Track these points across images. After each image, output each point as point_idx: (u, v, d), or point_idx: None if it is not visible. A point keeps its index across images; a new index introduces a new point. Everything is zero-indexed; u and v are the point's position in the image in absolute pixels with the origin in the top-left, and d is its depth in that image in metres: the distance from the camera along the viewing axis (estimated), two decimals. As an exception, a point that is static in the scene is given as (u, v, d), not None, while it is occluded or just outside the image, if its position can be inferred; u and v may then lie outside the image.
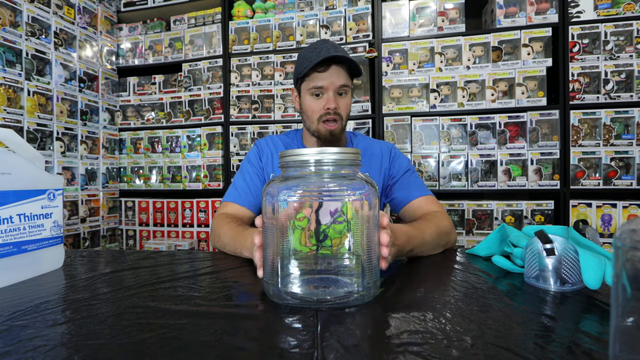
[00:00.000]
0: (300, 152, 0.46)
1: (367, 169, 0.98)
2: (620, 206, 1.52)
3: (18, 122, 1.50)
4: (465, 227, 1.66)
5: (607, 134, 1.54)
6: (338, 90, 0.91)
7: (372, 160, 1.00)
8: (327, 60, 0.89)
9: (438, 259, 0.69)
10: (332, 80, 0.90)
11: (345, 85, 0.92)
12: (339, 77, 0.90)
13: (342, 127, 0.94)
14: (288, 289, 0.46)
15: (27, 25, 1.55)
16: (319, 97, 0.92)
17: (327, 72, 0.90)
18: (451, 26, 1.69)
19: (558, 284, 0.49)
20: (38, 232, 0.59)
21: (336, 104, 0.90)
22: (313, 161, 0.46)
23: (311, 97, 0.93)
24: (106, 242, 1.98)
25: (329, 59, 0.88)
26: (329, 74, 0.90)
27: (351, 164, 0.47)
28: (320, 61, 0.87)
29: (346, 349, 0.34)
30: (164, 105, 2.05)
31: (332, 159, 0.46)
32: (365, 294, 0.45)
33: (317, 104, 0.92)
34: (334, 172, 0.46)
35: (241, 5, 1.96)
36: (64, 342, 0.36)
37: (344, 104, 0.93)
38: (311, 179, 0.47)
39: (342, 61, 0.90)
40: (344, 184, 0.46)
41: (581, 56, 1.57)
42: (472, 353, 0.32)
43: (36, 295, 0.50)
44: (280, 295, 0.45)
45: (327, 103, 0.90)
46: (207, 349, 0.34)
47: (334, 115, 0.91)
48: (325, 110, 0.90)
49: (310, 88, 0.92)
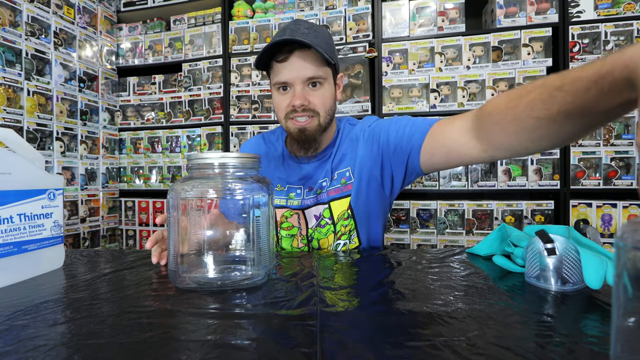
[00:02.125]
0: (200, 156, 0.53)
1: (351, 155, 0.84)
2: (620, 206, 1.52)
3: (18, 122, 1.50)
4: (465, 227, 1.66)
5: (607, 134, 1.54)
6: (308, 82, 0.75)
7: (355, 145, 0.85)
8: (282, 47, 0.73)
9: (438, 258, 0.69)
10: (296, 71, 0.74)
11: (314, 77, 0.74)
12: (305, 66, 0.73)
13: (319, 124, 0.78)
14: (190, 275, 0.52)
15: (26, 25, 1.55)
16: (286, 91, 0.77)
17: (289, 61, 0.74)
18: (451, 26, 1.69)
19: (559, 283, 0.49)
20: (38, 232, 0.59)
21: (304, 99, 0.75)
22: (215, 164, 0.52)
23: (277, 92, 0.79)
24: (106, 242, 1.98)
25: (287, 45, 0.72)
26: (290, 63, 0.73)
27: (248, 167, 0.54)
28: (274, 49, 0.72)
29: (346, 348, 0.34)
30: (164, 105, 2.05)
31: (230, 163, 0.52)
32: (257, 277, 0.53)
33: (284, 100, 0.77)
34: (232, 174, 0.53)
35: (241, 5, 1.96)
36: (65, 341, 0.36)
37: (317, 97, 0.76)
38: (209, 180, 0.53)
39: (307, 45, 0.70)
40: (237, 185, 0.53)
41: (581, 56, 1.57)
42: (473, 353, 0.32)
43: (36, 295, 0.49)
44: (185, 280, 0.52)
45: (292, 99, 0.75)
46: (208, 349, 0.34)
47: (302, 112, 0.76)
48: (292, 108, 0.76)
49: (274, 82, 0.78)
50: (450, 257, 0.70)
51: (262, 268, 0.54)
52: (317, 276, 0.57)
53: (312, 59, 0.74)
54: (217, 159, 0.52)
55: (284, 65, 0.74)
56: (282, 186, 0.88)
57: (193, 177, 0.54)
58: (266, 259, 0.54)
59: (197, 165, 0.53)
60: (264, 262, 0.54)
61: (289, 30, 0.73)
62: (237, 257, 0.56)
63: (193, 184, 0.52)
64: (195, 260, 0.54)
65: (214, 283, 0.51)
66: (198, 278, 0.52)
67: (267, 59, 0.77)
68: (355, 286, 0.53)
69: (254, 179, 0.55)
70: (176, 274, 0.52)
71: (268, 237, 0.55)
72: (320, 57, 0.74)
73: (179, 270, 0.52)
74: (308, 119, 0.77)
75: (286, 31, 0.73)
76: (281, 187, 0.88)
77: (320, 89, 0.77)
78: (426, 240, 1.71)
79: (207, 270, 0.54)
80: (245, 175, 0.54)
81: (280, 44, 0.72)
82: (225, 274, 0.54)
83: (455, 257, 0.70)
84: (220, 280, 0.52)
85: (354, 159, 0.84)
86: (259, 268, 0.53)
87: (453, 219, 1.68)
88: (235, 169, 0.53)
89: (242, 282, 0.52)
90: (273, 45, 0.72)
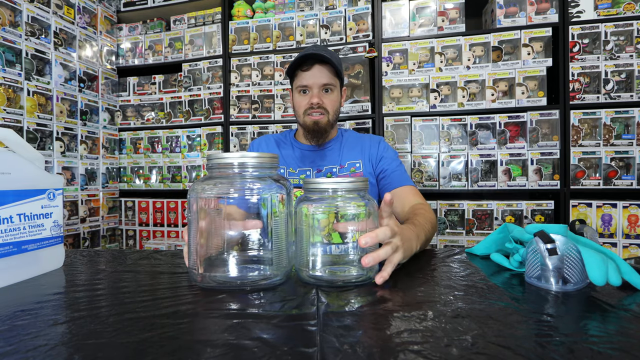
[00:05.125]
0: (221, 156, 0.53)
1: (359, 152, 1.09)
2: (620, 206, 1.52)
3: (18, 122, 1.50)
4: (465, 227, 1.66)
5: (607, 134, 1.54)
6: (323, 88, 1.02)
7: (363, 150, 1.09)
8: (308, 60, 1.00)
9: (438, 258, 0.69)
10: (316, 78, 1.00)
11: (328, 83, 1.02)
12: (322, 75, 1.01)
13: (328, 120, 1.04)
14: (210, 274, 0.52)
15: (26, 25, 1.55)
16: (305, 94, 1.03)
17: (311, 71, 1.01)
18: (451, 26, 1.69)
19: (560, 283, 0.49)
20: (38, 232, 0.59)
21: (320, 99, 1.01)
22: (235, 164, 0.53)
23: (298, 94, 1.05)
24: (106, 242, 1.98)
25: (312, 59, 1.00)
26: (312, 72, 1.01)
27: (267, 167, 0.54)
28: (301, 61, 1.00)
29: (346, 348, 0.33)
30: (164, 105, 2.05)
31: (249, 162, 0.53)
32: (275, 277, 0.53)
33: (303, 100, 1.03)
34: (251, 174, 0.54)
35: (241, 5, 1.96)
36: (65, 341, 0.36)
37: (329, 100, 1.03)
38: (229, 179, 0.54)
39: (325, 61, 1.00)
40: (256, 184, 0.53)
41: (581, 56, 1.57)
42: (473, 352, 0.32)
43: (36, 295, 0.49)
44: (204, 279, 0.52)
45: (311, 98, 1.01)
46: (208, 349, 0.34)
47: (317, 109, 1.01)
48: (310, 105, 1.01)
49: (297, 86, 1.04)
50: (450, 257, 0.70)
51: (281, 268, 0.54)
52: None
53: (328, 71, 1.01)
54: (237, 159, 0.52)
55: (307, 73, 1.01)
56: (293, 169, 1.09)
57: (213, 176, 0.54)
58: (285, 259, 0.54)
59: (217, 164, 0.54)
60: (283, 262, 0.54)
61: (312, 49, 1.00)
62: (255, 256, 0.56)
63: (213, 183, 0.53)
64: (215, 259, 0.54)
65: (233, 282, 0.52)
66: (217, 277, 0.52)
67: (295, 69, 1.03)
68: (356, 286, 0.53)
69: (273, 178, 0.55)
70: (196, 272, 0.52)
71: (287, 237, 0.55)
72: (333, 71, 1.02)
73: (198, 269, 0.52)
74: (321, 115, 1.02)
75: (307, 52, 0.99)
76: (293, 170, 1.09)
77: (331, 94, 1.04)
78: (426, 240, 1.70)
79: (226, 270, 0.54)
80: (264, 175, 0.55)
81: (305, 57, 1.00)
82: (244, 273, 0.54)
83: (455, 257, 0.70)
84: (239, 279, 0.52)
85: (364, 154, 1.08)
86: (278, 268, 0.53)
87: (453, 219, 1.68)
88: (254, 169, 0.53)
89: (261, 281, 0.52)
90: (301, 57, 1.00)
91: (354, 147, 1.10)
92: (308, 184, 0.56)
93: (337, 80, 1.04)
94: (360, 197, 0.55)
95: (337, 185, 0.53)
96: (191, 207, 0.53)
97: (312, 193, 0.55)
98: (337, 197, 0.54)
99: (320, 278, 0.53)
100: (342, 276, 0.54)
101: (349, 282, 0.53)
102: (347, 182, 0.53)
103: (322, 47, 1.04)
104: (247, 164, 0.53)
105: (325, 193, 0.54)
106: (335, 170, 1.07)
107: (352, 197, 0.54)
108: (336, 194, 0.54)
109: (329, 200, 0.54)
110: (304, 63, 1.01)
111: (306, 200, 0.55)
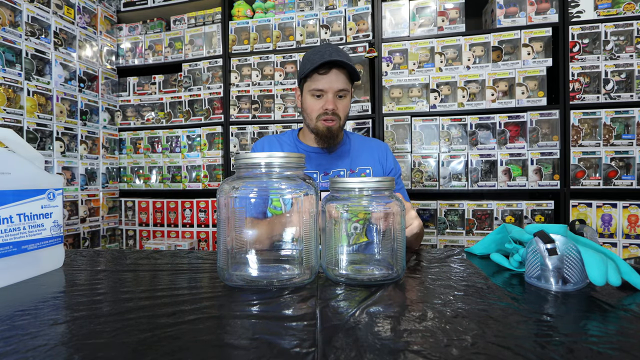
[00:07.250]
0: (250, 156, 0.53)
1: (369, 158, 1.09)
2: (620, 206, 1.52)
3: (18, 122, 1.50)
4: (466, 227, 1.66)
5: (607, 133, 1.54)
6: (338, 94, 0.98)
7: (372, 152, 1.10)
8: (328, 64, 0.95)
9: (438, 258, 0.69)
10: (332, 83, 0.97)
11: (344, 89, 0.98)
12: (339, 80, 0.97)
13: (339, 126, 1.02)
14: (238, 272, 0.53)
15: (26, 25, 1.55)
16: (320, 97, 0.99)
17: (328, 75, 0.96)
18: (451, 26, 1.69)
19: (560, 283, 0.49)
20: (38, 232, 0.59)
21: (334, 105, 0.97)
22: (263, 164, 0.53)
23: (312, 97, 1.00)
24: (106, 242, 1.98)
25: (330, 63, 0.94)
26: (329, 77, 0.96)
27: (294, 166, 0.54)
28: (321, 64, 0.94)
29: (346, 348, 0.33)
30: (164, 105, 2.05)
31: (276, 162, 0.53)
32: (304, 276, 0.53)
33: (317, 104, 0.99)
34: (279, 174, 0.54)
35: (241, 5, 1.96)
36: (65, 341, 0.36)
37: (342, 106, 1.00)
38: (258, 179, 0.54)
39: (343, 65, 0.96)
40: (284, 184, 0.54)
41: (581, 56, 1.57)
42: (473, 352, 0.32)
43: (36, 295, 0.49)
44: (232, 279, 0.52)
45: (326, 104, 0.97)
46: (207, 349, 0.34)
47: (331, 115, 0.98)
48: (324, 110, 0.98)
49: (312, 89, 0.99)
50: (450, 257, 0.70)
51: (309, 267, 0.54)
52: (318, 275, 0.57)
53: (344, 76, 0.98)
54: (264, 159, 0.53)
55: (324, 77, 0.96)
56: None
57: (241, 176, 0.55)
58: (312, 258, 0.55)
59: (245, 165, 0.54)
60: (310, 262, 0.54)
61: (328, 53, 0.95)
62: (283, 256, 0.57)
63: (241, 183, 0.54)
64: (243, 258, 0.55)
65: (261, 281, 0.52)
66: (245, 276, 0.53)
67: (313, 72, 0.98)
68: (356, 286, 0.53)
69: (300, 177, 0.55)
70: (225, 271, 0.53)
71: (315, 236, 0.55)
72: (348, 76, 0.99)
73: (228, 268, 0.53)
74: (333, 121, 0.99)
75: (325, 54, 0.94)
76: None
77: (344, 100, 1.01)
78: (426, 240, 1.70)
79: (254, 269, 0.54)
80: (292, 175, 0.55)
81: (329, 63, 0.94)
82: (272, 272, 0.54)
83: (455, 257, 0.70)
84: (266, 278, 0.52)
85: (374, 161, 1.08)
86: (306, 267, 0.54)
87: (453, 219, 1.68)
88: (281, 168, 0.54)
89: (289, 281, 0.52)
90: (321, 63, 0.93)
91: (362, 152, 1.09)
92: (335, 183, 0.56)
93: (350, 85, 1.02)
94: (387, 196, 0.55)
95: (364, 184, 0.54)
96: (220, 207, 0.53)
97: (339, 192, 0.56)
98: (364, 196, 0.55)
99: (347, 276, 0.54)
100: (369, 274, 0.56)
101: (376, 281, 0.54)
102: (374, 182, 0.54)
103: (338, 49, 0.99)
104: (274, 163, 0.53)
105: (352, 192, 0.55)
106: (343, 173, 1.06)
107: (378, 196, 0.55)
108: (362, 193, 0.55)
109: (356, 199, 0.55)
110: (321, 66, 0.96)
111: (333, 200, 0.56)
